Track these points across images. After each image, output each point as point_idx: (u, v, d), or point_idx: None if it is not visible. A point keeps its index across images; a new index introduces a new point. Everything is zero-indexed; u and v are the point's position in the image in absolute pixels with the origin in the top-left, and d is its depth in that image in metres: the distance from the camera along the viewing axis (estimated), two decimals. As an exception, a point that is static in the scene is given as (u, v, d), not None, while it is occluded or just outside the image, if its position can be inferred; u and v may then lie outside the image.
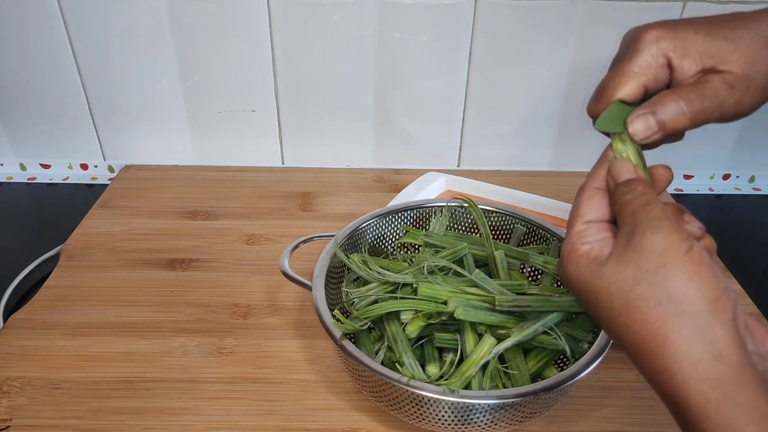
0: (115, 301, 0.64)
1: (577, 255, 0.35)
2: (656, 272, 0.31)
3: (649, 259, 0.31)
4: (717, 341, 0.30)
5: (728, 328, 0.30)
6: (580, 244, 0.35)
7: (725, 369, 0.29)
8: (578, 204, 0.36)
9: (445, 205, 0.64)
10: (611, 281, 0.32)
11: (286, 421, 0.52)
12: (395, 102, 0.85)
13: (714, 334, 0.30)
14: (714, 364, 0.29)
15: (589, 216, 0.36)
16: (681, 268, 0.31)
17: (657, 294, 0.31)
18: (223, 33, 0.79)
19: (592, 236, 0.35)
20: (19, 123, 0.88)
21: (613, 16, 0.77)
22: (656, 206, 0.33)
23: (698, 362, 0.29)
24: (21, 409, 0.52)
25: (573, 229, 0.36)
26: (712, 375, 0.29)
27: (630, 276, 0.32)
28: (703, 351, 0.30)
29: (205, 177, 0.87)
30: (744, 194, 0.92)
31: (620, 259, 0.32)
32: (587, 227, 0.35)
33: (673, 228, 0.32)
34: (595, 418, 0.53)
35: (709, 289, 0.31)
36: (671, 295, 0.30)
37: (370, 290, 0.52)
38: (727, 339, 0.30)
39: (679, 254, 0.31)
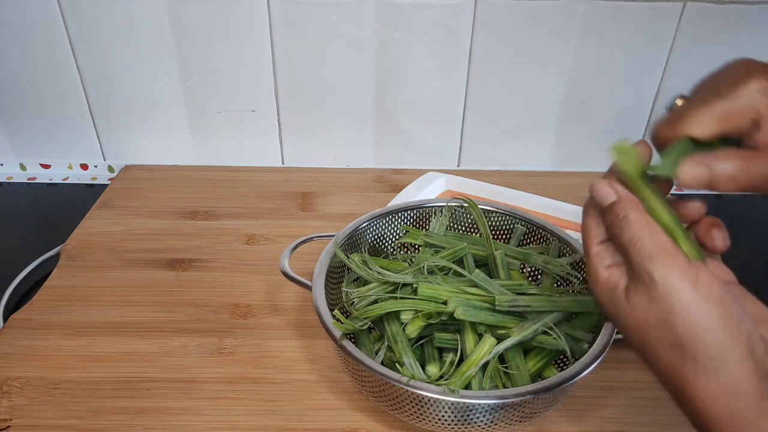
0: (115, 301, 0.64)
1: (601, 283, 0.35)
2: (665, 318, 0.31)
3: (656, 303, 0.31)
4: (732, 379, 0.30)
5: (745, 364, 0.30)
6: (602, 268, 0.35)
7: (743, 403, 0.30)
8: (586, 225, 0.36)
9: (445, 205, 0.64)
10: (630, 322, 0.33)
11: (286, 421, 0.52)
12: (395, 102, 0.85)
13: (729, 373, 0.30)
14: (731, 401, 0.30)
15: (601, 236, 0.35)
16: (688, 308, 0.30)
17: (670, 338, 0.31)
18: (223, 33, 0.79)
19: (610, 258, 0.35)
20: (19, 123, 0.88)
21: (613, 16, 0.77)
22: (645, 239, 0.32)
23: (716, 397, 0.30)
24: (21, 409, 0.52)
25: (591, 251, 0.35)
26: (732, 408, 0.30)
27: (642, 319, 0.32)
28: (718, 389, 0.30)
29: (205, 177, 0.87)
30: (744, 194, 0.91)
31: (632, 303, 0.33)
32: (603, 248, 0.35)
33: (670, 260, 0.31)
34: (595, 418, 0.53)
35: (720, 329, 0.30)
36: (683, 340, 0.31)
37: (370, 290, 0.52)
38: (744, 375, 0.30)
39: (683, 292, 0.31)
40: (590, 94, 0.84)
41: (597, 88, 0.84)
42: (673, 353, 0.31)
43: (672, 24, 0.78)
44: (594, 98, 0.85)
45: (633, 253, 0.32)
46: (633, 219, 0.33)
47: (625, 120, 0.87)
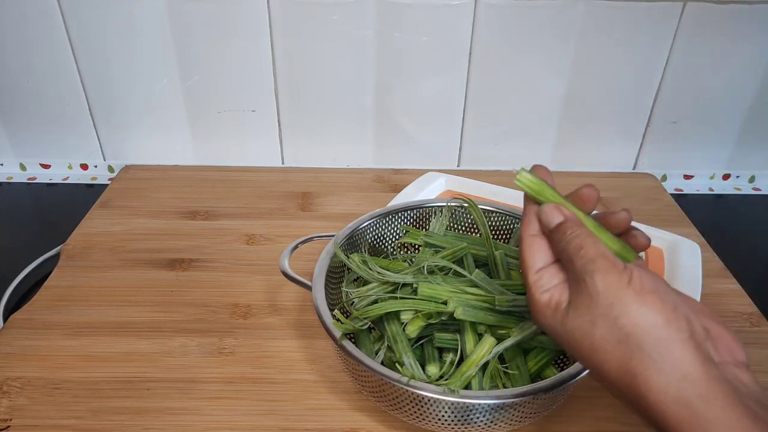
0: (115, 301, 0.64)
1: (541, 306, 0.37)
2: (607, 314, 0.33)
3: (597, 302, 0.33)
4: (679, 363, 0.31)
5: (687, 346, 0.31)
6: (539, 294, 0.37)
7: (692, 388, 0.30)
8: (523, 256, 0.38)
9: (445, 205, 0.64)
10: (574, 328, 0.34)
11: (286, 421, 0.52)
12: (395, 102, 0.85)
13: (675, 357, 0.31)
14: (681, 386, 0.31)
15: (537, 264, 0.38)
16: (627, 302, 0.32)
17: (614, 333, 0.32)
18: (223, 33, 0.79)
19: (548, 283, 0.37)
20: (19, 123, 0.88)
21: (613, 16, 0.77)
22: (589, 247, 0.35)
23: (667, 387, 0.31)
24: (21, 409, 0.52)
25: (528, 281, 0.37)
26: (681, 396, 0.30)
27: (587, 321, 0.33)
28: (668, 376, 0.31)
29: (205, 177, 0.87)
30: (744, 194, 0.92)
31: (576, 308, 0.34)
32: (539, 276, 0.37)
33: (608, 264, 0.34)
34: (595, 418, 0.53)
35: (658, 314, 0.32)
36: (626, 331, 0.32)
37: (370, 290, 0.52)
38: (688, 358, 0.31)
39: (620, 289, 0.33)
40: (590, 94, 0.84)
41: (597, 88, 0.84)
42: (620, 349, 0.32)
43: (672, 24, 0.78)
44: (594, 98, 0.85)
45: (576, 260, 0.35)
46: (579, 233, 0.36)
47: (625, 120, 0.87)
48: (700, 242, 0.72)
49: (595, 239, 0.35)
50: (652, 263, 0.68)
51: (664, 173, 0.92)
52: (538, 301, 0.37)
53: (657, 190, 0.87)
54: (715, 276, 0.69)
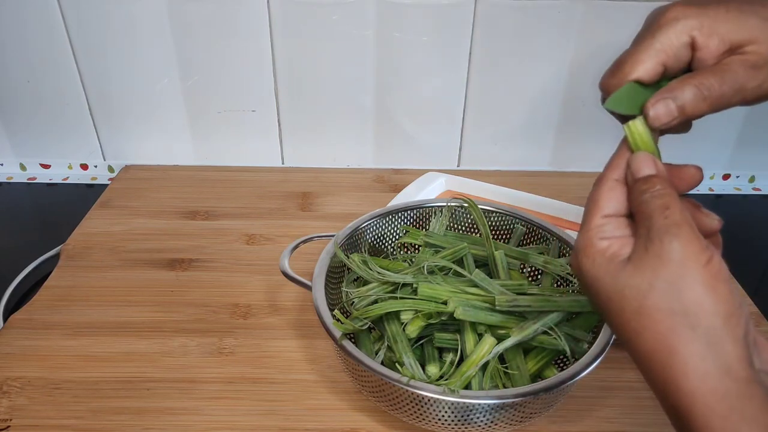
0: (115, 301, 0.64)
1: (594, 251, 0.34)
2: (673, 282, 0.30)
3: (667, 268, 0.31)
4: (727, 356, 0.30)
5: (739, 344, 0.30)
6: (598, 239, 0.34)
7: (733, 384, 0.29)
8: (597, 196, 0.35)
9: (445, 205, 0.64)
10: (626, 285, 0.32)
11: (286, 421, 0.52)
12: (395, 102, 0.85)
13: (724, 350, 0.30)
14: (722, 379, 0.29)
15: (608, 209, 0.35)
16: (699, 280, 0.30)
17: (672, 304, 0.30)
18: (223, 33, 0.79)
19: (611, 232, 0.34)
20: (19, 123, 0.88)
21: (613, 16, 0.77)
22: (675, 210, 0.32)
23: (706, 376, 0.29)
24: (21, 409, 0.52)
25: (591, 223, 0.34)
26: (719, 388, 0.29)
27: (646, 283, 0.31)
28: (712, 365, 0.30)
29: (205, 177, 0.87)
30: (744, 194, 0.92)
31: (638, 265, 0.32)
32: (606, 222, 0.34)
33: (693, 236, 0.31)
34: (595, 418, 0.53)
35: (724, 304, 0.30)
36: (686, 307, 0.30)
37: (370, 290, 0.52)
38: (737, 355, 0.30)
39: (698, 266, 0.30)
40: (590, 94, 0.84)
41: (597, 88, 0.83)
42: (669, 321, 0.30)
43: (672, 24, 0.78)
44: (594, 98, 0.84)
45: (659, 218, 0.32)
46: (668, 192, 0.33)
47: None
48: (700, 242, 0.72)
49: (682, 205, 0.33)
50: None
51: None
52: (593, 245, 0.34)
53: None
54: (715, 276, 0.69)
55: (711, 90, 0.35)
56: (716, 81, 0.35)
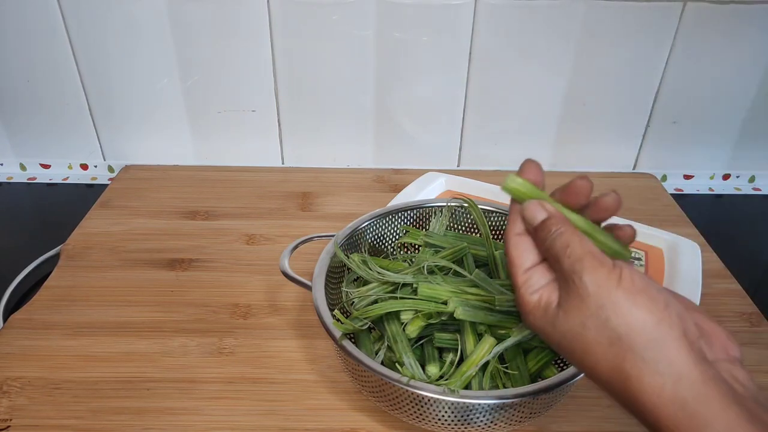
0: (115, 301, 0.64)
1: (530, 307, 0.36)
2: (598, 315, 0.32)
3: (587, 303, 0.32)
4: (673, 363, 0.30)
5: (680, 345, 0.31)
6: (529, 295, 0.36)
7: (687, 389, 0.30)
8: (510, 256, 0.37)
9: (445, 205, 0.64)
10: (565, 329, 0.33)
11: (286, 421, 0.52)
12: (395, 102, 0.85)
13: (669, 357, 0.30)
14: (676, 387, 0.30)
15: (526, 263, 0.36)
16: (617, 302, 0.32)
17: (607, 334, 0.32)
18: (223, 33, 0.79)
19: (537, 283, 0.36)
20: (19, 123, 0.88)
21: (613, 16, 0.77)
22: (575, 245, 0.34)
23: (662, 388, 0.30)
24: (21, 409, 0.52)
25: (517, 281, 0.36)
26: (676, 397, 0.30)
27: (578, 323, 0.33)
28: (663, 377, 0.30)
29: (205, 177, 0.87)
30: (744, 194, 0.92)
31: (566, 309, 0.33)
32: (529, 275, 0.36)
33: (597, 263, 0.33)
34: (595, 418, 0.53)
35: (649, 314, 0.31)
36: (618, 332, 0.31)
37: (370, 290, 0.52)
38: (682, 358, 0.30)
39: (611, 289, 0.32)
40: (590, 94, 0.84)
41: (597, 88, 0.84)
42: (612, 351, 0.32)
43: (672, 24, 0.78)
44: (594, 98, 0.85)
45: (564, 259, 0.34)
46: (563, 230, 0.35)
47: (625, 120, 0.87)
48: (700, 242, 0.72)
49: (580, 236, 0.34)
50: (652, 263, 0.68)
51: (664, 173, 0.92)
52: (528, 302, 0.36)
53: (657, 190, 0.87)
54: (715, 276, 0.69)
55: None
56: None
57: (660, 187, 0.88)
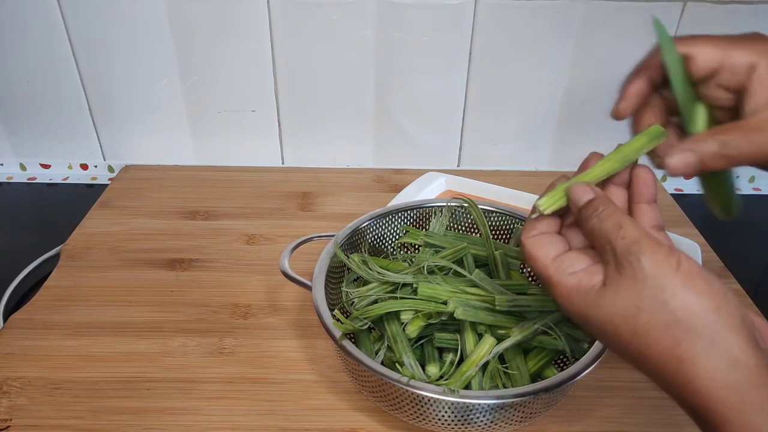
0: (115, 301, 0.64)
1: (568, 289, 0.34)
2: (655, 296, 0.31)
3: (645, 285, 0.31)
4: (731, 348, 0.30)
5: (739, 332, 0.30)
6: (566, 277, 0.34)
7: (742, 374, 0.30)
8: (530, 254, 0.36)
9: (445, 205, 0.64)
10: (613, 313, 0.32)
11: (286, 421, 0.52)
12: (395, 102, 0.85)
13: (726, 343, 0.30)
14: (731, 372, 0.30)
15: (551, 254, 0.35)
16: (677, 286, 0.31)
17: (663, 317, 0.31)
18: (223, 33, 0.79)
19: (572, 266, 0.35)
20: (19, 123, 0.88)
21: (613, 16, 0.77)
22: (628, 226, 0.33)
23: (716, 372, 0.30)
24: (21, 409, 0.52)
25: (547, 271, 0.35)
26: (730, 382, 0.30)
27: (632, 306, 0.32)
28: (719, 361, 0.30)
29: (205, 177, 0.87)
30: (744, 194, 0.92)
31: (617, 290, 0.32)
32: (560, 261, 0.35)
33: (656, 245, 0.32)
34: (595, 418, 0.53)
35: (709, 299, 0.31)
36: (676, 315, 0.31)
37: (370, 290, 0.52)
38: (740, 344, 0.30)
39: (671, 272, 0.31)
40: (590, 94, 0.84)
41: (597, 88, 0.84)
42: (667, 334, 0.31)
43: (672, 24, 0.78)
44: (594, 98, 0.85)
45: (617, 240, 0.32)
46: (612, 211, 0.34)
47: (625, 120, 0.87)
48: (700, 242, 0.72)
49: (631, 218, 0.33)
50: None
51: (664, 173, 0.92)
52: (566, 285, 0.34)
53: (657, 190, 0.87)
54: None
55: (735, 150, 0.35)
56: (743, 142, 0.34)
57: (660, 187, 0.88)
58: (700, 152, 0.35)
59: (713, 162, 0.35)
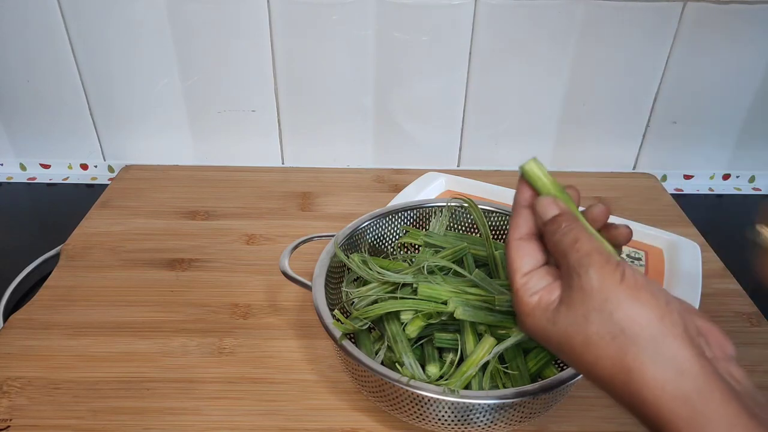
0: (115, 301, 0.64)
1: (530, 308, 0.36)
2: (602, 308, 0.32)
3: (591, 297, 0.33)
4: (676, 358, 0.31)
5: (682, 341, 0.31)
6: (528, 297, 0.36)
7: (690, 383, 0.30)
8: (510, 260, 0.38)
9: (445, 205, 0.64)
10: (567, 324, 0.34)
11: (286, 421, 0.52)
12: (395, 102, 0.85)
13: (671, 352, 0.31)
14: (679, 382, 0.30)
15: (525, 268, 0.37)
16: (620, 298, 0.32)
17: (609, 328, 0.32)
18: (223, 33, 0.79)
19: (535, 286, 0.36)
20: (19, 123, 0.88)
21: (613, 16, 0.77)
22: (584, 241, 0.34)
23: (664, 383, 0.30)
24: (21, 409, 0.52)
25: (515, 285, 0.37)
26: (678, 392, 0.30)
27: (581, 316, 0.33)
28: (665, 371, 0.31)
29: (205, 177, 0.87)
30: (744, 194, 0.92)
31: (569, 304, 0.34)
32: (527, 279, 0.37)
33: (603, 260, 0.33)
34: (595, 418, 0.53)
35: (652, 310, 0.32)
36: (621, 326, 0.32)
37: (370, 290, 0.52)
38: (685, 353, 0.31)
39: (615, 285, 0.32)
40: (590, 94, 0.84)
41: (597, 88, 0.84)
42: (615, 344, 0.32)
43: (672, 24, 0.78)
44: (594, 98, 0.85)
45: (572, 253, 0.34)
46: (573, 227, 0.36)
47: (625, 120, 0.87)
48: (700, 242, 0.72)
49: (589, 234, 0.35)
50: (652, 263, 0.68)
51: (663, 173, 0.92)
52: (527, 304, 0.36)
53: (657, 190, 0.87)
54: (715, 276, 0.69)
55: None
56: None
57: (660, 187, 0.88)
58: None
59: None
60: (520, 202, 0.39)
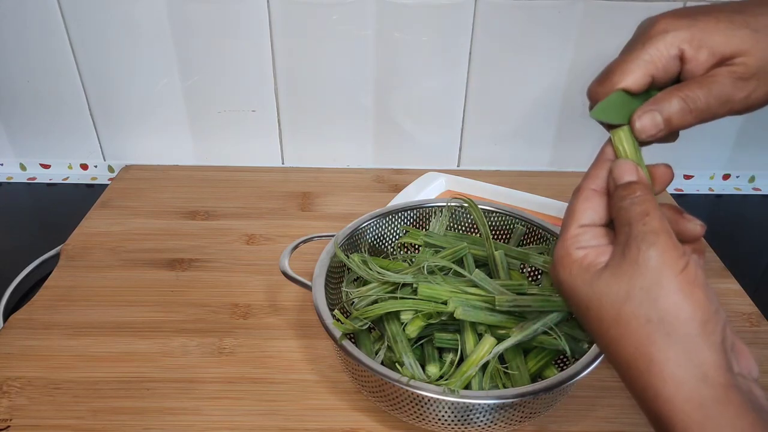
0: (115, 301, 0.64)
1: (570, 261, 0.34)
2: (649, 290, 0.31)
3: (644, 275, 0.31)
4: (703, 363, 0.30)
5: (715, 350, 0.30)
6: (575, 248, 0.34)
7: (710, 391, 0.29)
8: (574, 207, 0.35)
9: (445, 205, 0.64)
10: (603, 293, 0.32)
11: (286, 421, 0.52)
12: (395, 102, 0.85)
13: (701, 357, 0.30)
14: (698, 386, 0.29)
15: (585, 220, 0.35)
16: (674, 288, 0.30)
17: (648, 312, 0.31)
18: (223, 33, 0.79)
19: (587, 241, 0.34)
20: (19, 123, 0.88)
21: (613, 16, 0.77)
22: (654, 217, 0.32)
23: (683, 383, 0.30)
24: (21, 409, 0.52)
25: (567, 233, 0.35)
26: (696, 396, 0.29)
27: (623, 290, 0.31)
28: (688, 372, 0.30)
29: (205, 177, 0.87)
30: (744, 194, 0.92)
31: (615, 272, 0.32)
32: (582, 231, 0.34)
33: (671, 244, 0.31)
34: (595, 418, 0.53)
35: (700, 311, 0.30)
36: (662, 314, 0.30)
37: (370, 290, 0.52)
38: (714, 362, 0.30)
39: (674, 273, 0.31)
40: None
41: (597, 88, 0.84)
42: (646, 329, 0.30)
43: (672, 24, 0.78)
44: (594, 98, 0.84)
45: (637, 225, 0.32)
46: (647, 198, 0.33)
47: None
48: (700, 242, 0.72)
49: (661, 214, 0.33)
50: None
51: (664, 173, 0.92)
52: (570, 255, 0.34)
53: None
54: (715, 276, 0.69)
55: (697, 102, 0.35)
56: (703, 93, 0.35)
57: (660, 187, 0.87)
58: (665, 110, 0.35)
59: (679, 118, 0.35)
60: (606, 154, 0.36)
